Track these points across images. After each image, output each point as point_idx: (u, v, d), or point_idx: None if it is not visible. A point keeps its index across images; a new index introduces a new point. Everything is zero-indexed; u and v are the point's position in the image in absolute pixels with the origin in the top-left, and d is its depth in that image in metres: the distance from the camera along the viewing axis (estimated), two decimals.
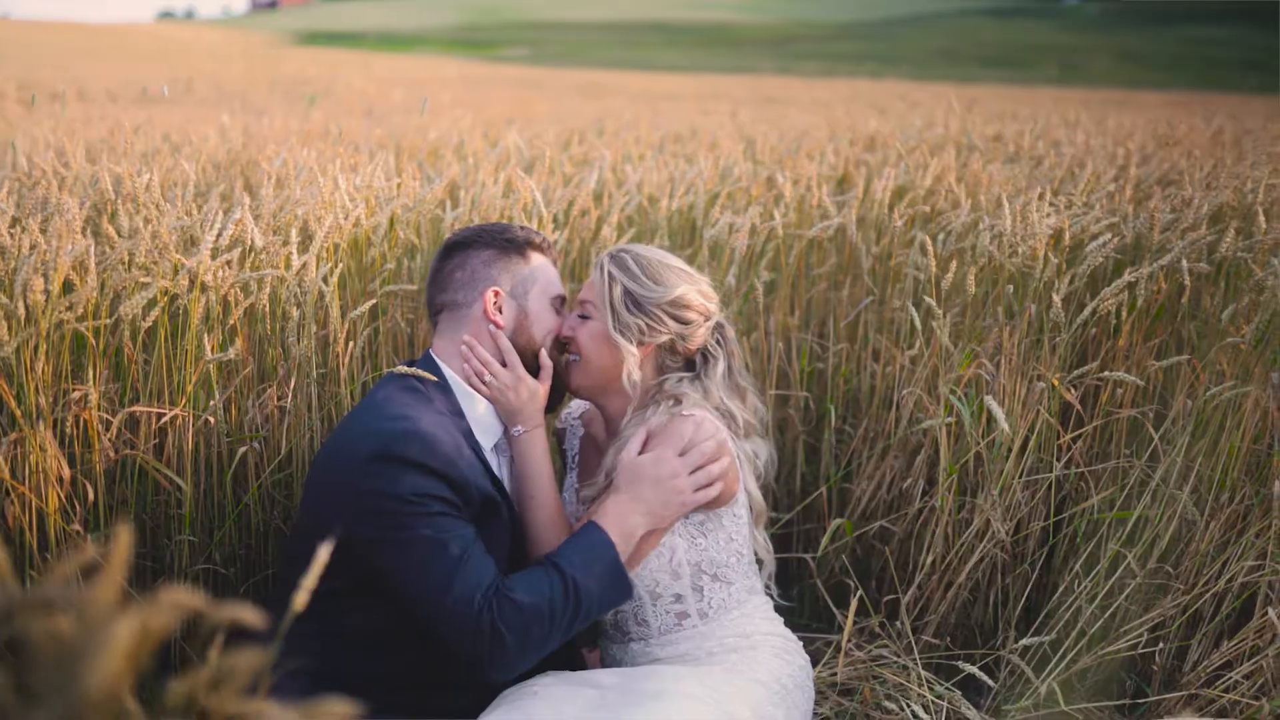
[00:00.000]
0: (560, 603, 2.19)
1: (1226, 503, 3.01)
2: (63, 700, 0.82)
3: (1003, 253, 3.23)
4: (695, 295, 2.57)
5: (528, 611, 2.14)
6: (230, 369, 2.85)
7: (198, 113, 9.86)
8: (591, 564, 2.27)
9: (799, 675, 2.56)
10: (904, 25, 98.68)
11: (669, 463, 2.39)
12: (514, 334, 2.51)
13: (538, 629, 2.16)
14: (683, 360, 2.62)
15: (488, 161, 4.45)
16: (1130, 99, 19.35)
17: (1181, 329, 3.53)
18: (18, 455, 2.36)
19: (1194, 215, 3.44)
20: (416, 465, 2.14)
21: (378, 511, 2.12)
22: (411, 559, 2.12)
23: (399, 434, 2.17)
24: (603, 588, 2.27)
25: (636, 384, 2.52)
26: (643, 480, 2.39)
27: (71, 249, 2.41)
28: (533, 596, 2.15)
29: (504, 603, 2.12)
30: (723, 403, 2.59)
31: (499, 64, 50.40)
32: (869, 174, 4.30)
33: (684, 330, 2.56)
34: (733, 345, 2.68)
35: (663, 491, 2.38)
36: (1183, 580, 3.03)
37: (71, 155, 3.93)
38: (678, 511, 2.41)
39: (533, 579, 2.20)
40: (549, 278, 2.60)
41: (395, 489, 2.12)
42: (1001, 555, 3.22)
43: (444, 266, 2.55)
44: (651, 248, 2.64)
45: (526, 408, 2.48)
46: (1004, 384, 3.17)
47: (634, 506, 2.37)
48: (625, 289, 2.52)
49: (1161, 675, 3.03)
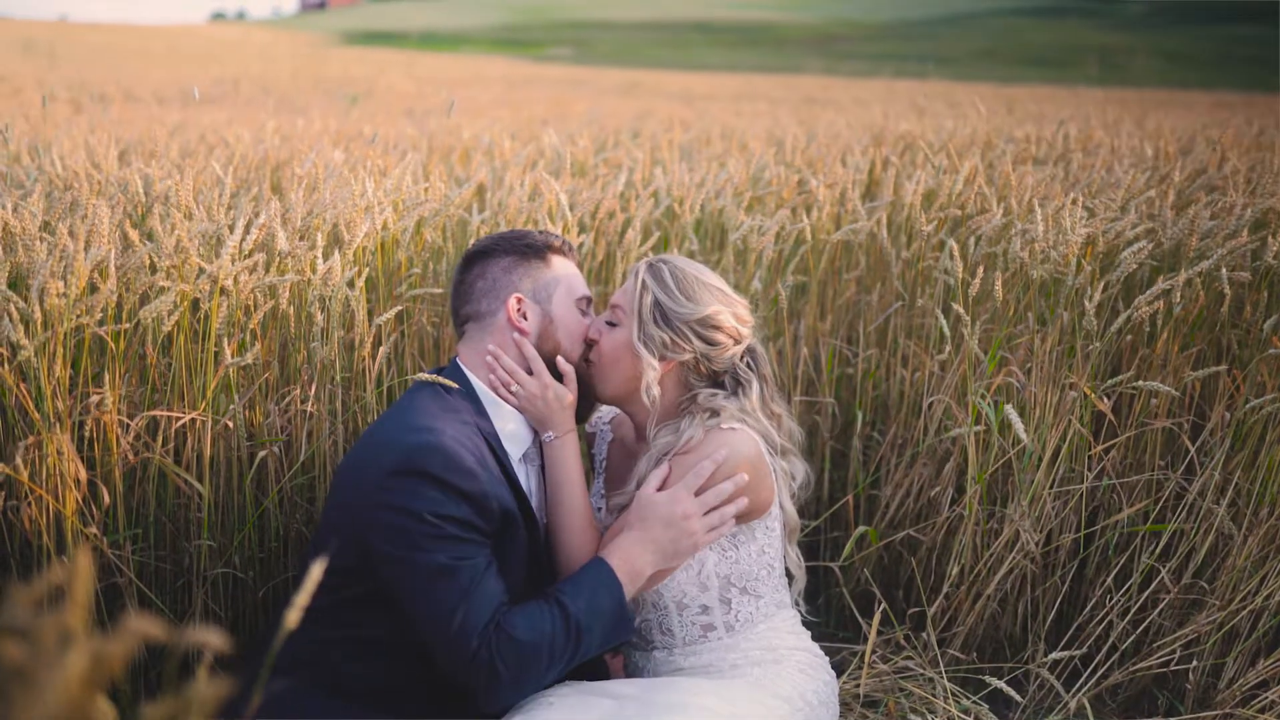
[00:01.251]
0: (561, 641, 2.17)
1: (1265, 517, 2.94)
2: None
3: (1034, 259, 3.17)
4: (728, 318, 2.51)
5: (526, 649, 2.12)
6: (251, 373, 2.85)
7: (240, 113, 9.96)
8: (596, 603, 2.24)
9: (824, 692, 2.51)
10: (947, 24, 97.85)
11: (683, 502, 2.34)
12: (539, 339, 2.48)
13: (535, 666, 2.15)
14: (708, 380, 2.56)
15: (516, 164, 4.44)
16: (1174, 99, 19.04)
17: (1221, 338, 3.44)
18: (36, 458, 2.37)
19: (1235, 221, 3.36)
20: (437, 480, 2.13)
21: (394, 527, 2.11)
22: (419, 581, 2.11)
23: (421, 447, 2.16)
24: (605, 628, 2.25)
25: (655, 399, 2.46)
26: (655, 519, 2.35)
27: (90, 253, 2.42)
28: (532, 634, 2.14)
29: (503, 639, 2.11)
30: (761, 423, 2.53)
31: (543, 64, 50.55)
32: (898, 176, 4.24)
33: (709, 351, 2.49)
34: (765, 369, 2.61)
35: (674, 532, 2.33)
36: (1218, 596, 2.96)
37: (103, 157, 3.96)
38: (689, 552, 2.37)
39: (535, 615, 2.18)
40: (572, 280, 2.57)
41: (413, 505, 2.11)
42: (1031, 567, 3.17)
43: (465, 277, 2.54)
44: (694, 262, 2.59)
45: (556, 415, 2.46)
46: (1035, 392, 3.11)
47: (644, 546, 2.34)
48: (656, 300, 2.47)
49: (1196, 693, 2.97)
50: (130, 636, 0.83)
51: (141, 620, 0.85)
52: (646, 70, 40.22)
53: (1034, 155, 5.64)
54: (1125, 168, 4.47)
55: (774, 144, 6.06)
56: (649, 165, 4.83)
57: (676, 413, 2.54)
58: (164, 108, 11.09)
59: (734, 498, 2.38)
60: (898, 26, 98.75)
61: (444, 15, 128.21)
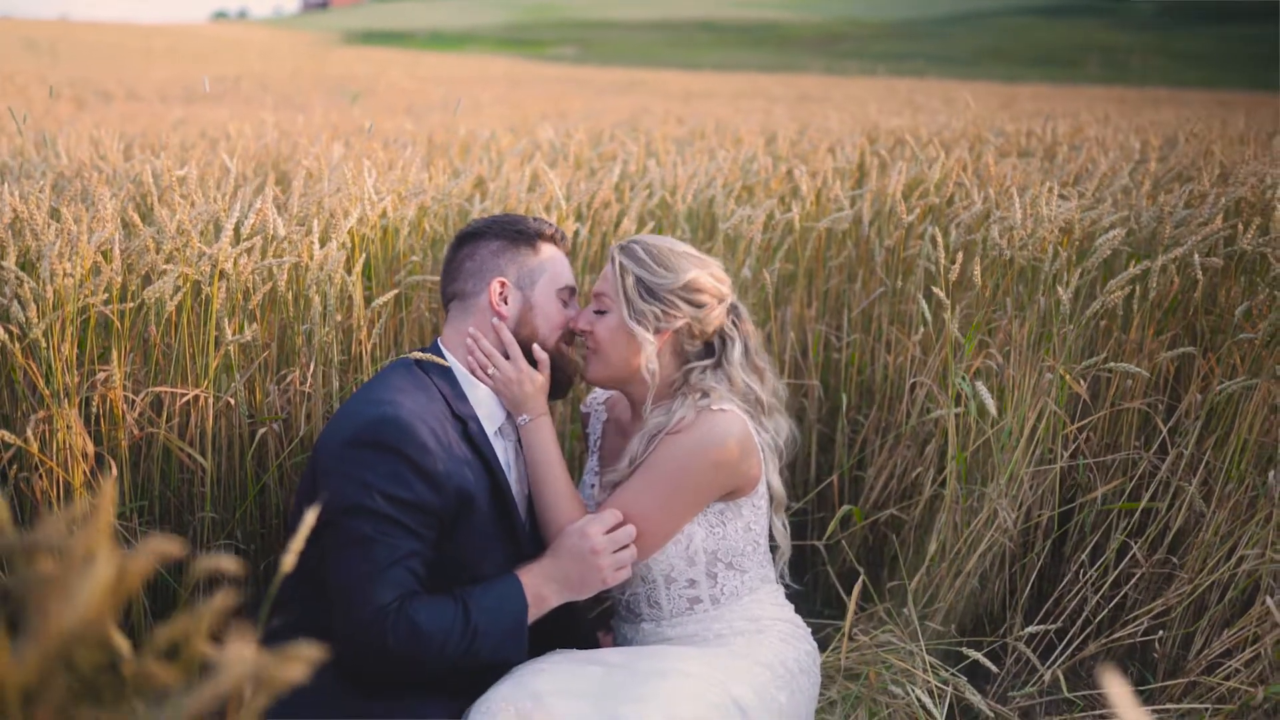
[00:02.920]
0: (456, 639, 2.22)
1: (1233, 493, 3.03)
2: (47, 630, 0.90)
3: (1012, 246, 3.26)
4: (707, 278, 2.59)
5: (423, 636, 2.18)
6: (250, 352, 2.95)
7: (241, 110, 10.05)
8: (498, 614, 2.30)
9: (805, 660, 2.60)
10: (955, 23, 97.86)
11: (592, 538, 2.40)
12: (518, 324, 2.55)
13: (424, 654, 2.19)
14: (701, 345, 2.64)
15: (513, 156, 4.54)
16: (1174, 97, 19.11)
17: (1195, 324, 3.54)
18: (46, 432, 2.48)
19: (1209, 210, 3.45)
20: (390, 450, 2.19)
21: (336, 491, 2.18)
22: (339, 543, 2.18)
23: (378, 418, 2.23)
24: (499, 639, 2.29)
25: (654, 373, 2.54)
26: (566, 552, 2.41)
27: (95, 235, 2.52)
28: (431, 624, 2.19)
29: (403, 619, 2.17)
30: (745, 385, 2.62)
31: (546, 63, 50.59)
32: (881, 166, 4.34)
33: (699, 314, 2.58)
34: (748, 325, 2.70)
35: (581, 566, 2.40)
36: (1188, 570, 3.05)
37: (109, 149, 4.06)
38: (596, 587, 2.42)
39: (440, 609, 2.23)
40: (558, 269, 2.62)
41: (361, 474, 2.18)
42: (1009, 544, 3.26)
43: (455, 255, 2.61)
44: (661, 236, 2.68)
45: (530, 399, 2.52)
46: (1013, 374, 3.20)
47: (551, 576, 2.40)
48: (638, 277, 2.55)
49: (1166, 664, 3.06)
50: (150, 553, 0.93)
51: (160, 540, 0.95)
52: (648, 70, 40.26)
53: (1020, 148, 5.74)
54: (1110, 160, 4.56)
55: (767, 137, 6.16)
56: (643, 157, 4.93)
57: (671, 392, 2.62)
58: (166, 105, 11.20)
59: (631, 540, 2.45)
60: (904, 25, 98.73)
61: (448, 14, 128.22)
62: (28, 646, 0.89)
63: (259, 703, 1.03)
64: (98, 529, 0.98)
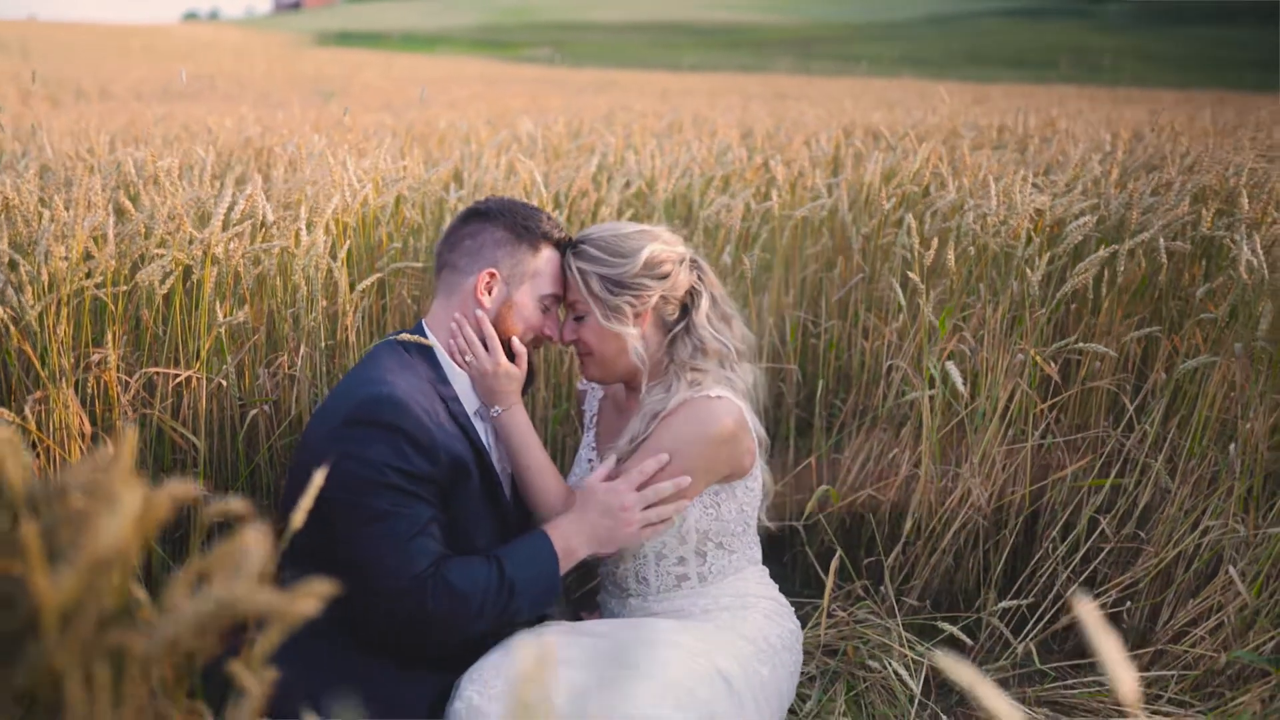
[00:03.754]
0: (493, 595, 2.28)
1: (1196, 468, 3.13)
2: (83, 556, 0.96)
3: (986, 232, 3.35)
4: (660, 248, 2.61)
5: (459, 596, 2.23)
6: (241, 335, 3.00)
7: (218, 107, 10.05)
8: (532, 570, 2.36)
9: (788, 638, 2.66)
10: (927, 25, 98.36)
11: (622, 495, 2.46)
12: (496, 318, 2.57)
13: (464, 612, 2.24)
14: (678, 308, 2.67)
15: (491, 147, 4.60)
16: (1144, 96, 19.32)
17: (1162, 307, 3.64)
18: (42, 412, 2.52)
19: (1175, 196, 3.55)
20: (388, 428, 2.23)
21: (342, 471, 2.19)
22: (359, 524, 2.21)
23: (374, 397, 2.27)
24: (535, 594, 2.35)
25: (644, 356, 2.60)
26: (595, 507, 2.48)
27: (90, 219, 2.57)
28: (466, 583, 2.24)
29: (439, 582, 2.22)
30: (716, 340, 2.65)
31: (521, 64, 50.55)
32: (858, 157, 4.43)
33: (667, 284, 2.61)
34: (710, 276, 2.72)
35: (611, 521, 2.46)
36: (1154, 544, 3.14)
37: (95, 141, 4.10)
38: (625, 542, 2.48)
39: (472, 567, 2.29)
40: (548, 276, 2.63)
41: (363, 452, 2.21)
42: (982, 522, 3.34)
43: (461, 228, 2.61)
44: (601, 224, 2.70)
45: (502, 391, 2.56)
46: (986, 357, 3.28)
47: (581, 530, 2.46)
48: (599, 275, 2.58)
49: (1134, 634, 3.15)
50: (171, 494, 1.00)
51: (180, 484, 1.01)
52: (623, 70, 40.30)
53: (993, 141, 5.84)
54: (1080, 152, 4.67)
55: (743, 131, 6.24)
56: (621, 148, 4.99)
57: (664, 370, 2.67)
58: (142, 103, 11.17)
59: (674, 499, 2.51)
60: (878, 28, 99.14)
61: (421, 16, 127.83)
62: (65, 571, 0.96)
63: (272, 638, 1.10)
64: (122, 468, 1.04)
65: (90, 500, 1.02)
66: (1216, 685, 2.81)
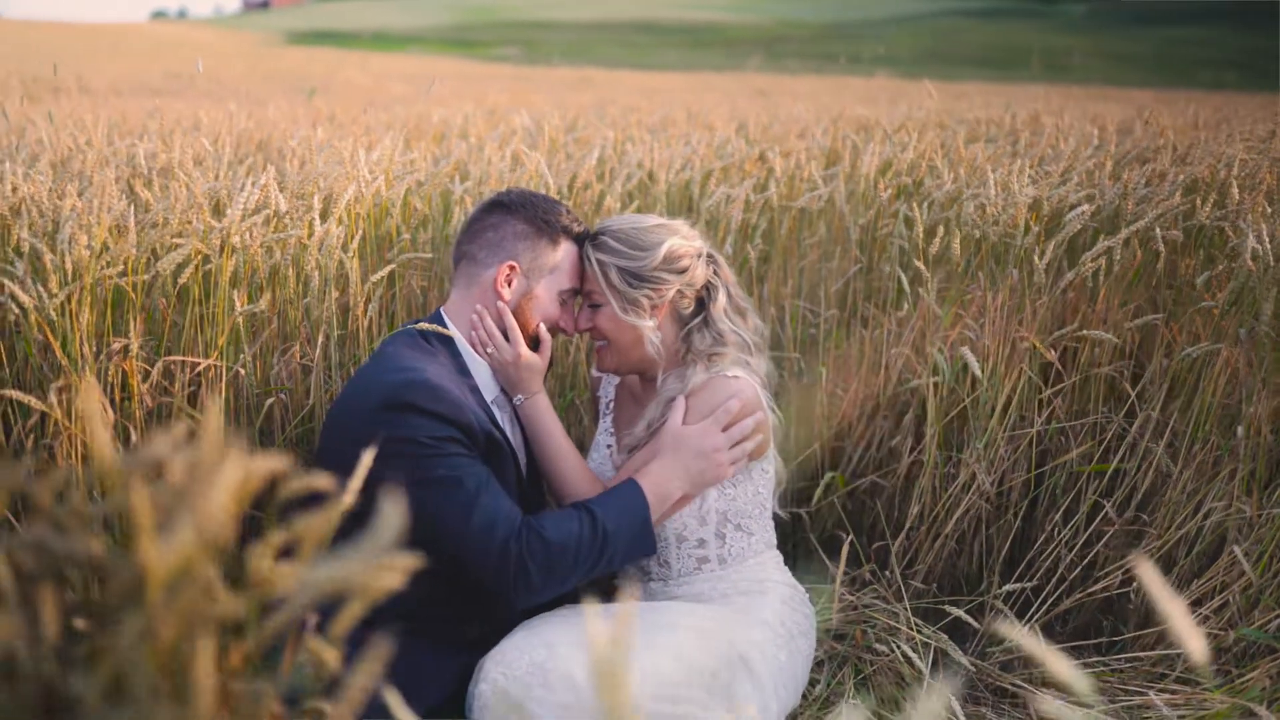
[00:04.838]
0: (588, 544, 2.31)
1: (1197, 453, 3.19)
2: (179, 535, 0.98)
3: (985, 221, 3.40)
4: (679, 242, 2.64)
5: (554, 547, 2.26)
6: (257, 325, 3.01)
7: (203, 104, 10.00)
8: (624, 516, 2.40)
9: (804, 624, 2.71)
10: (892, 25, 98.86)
11: (713, 436, 2.52)
12: (514, 310, 2.59)
13: (562, 564, 2.27)
14: (694, 302, 2.70)
15: (491, 141, 4.62)
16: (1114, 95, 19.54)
17: (1157, 296, 3.70)
18: (66, 399, 2.53)
19: (1168, 187, 3.62)
20: (424, 411, 2.25)
21: (391, 456, 2.17)
22: (429, 498, 2.21)
23: (406, 383, 2.28)
24: (629, 541, 2.40)
25: (659, 347, 2.64)
26: (688, 450, 2.52)
27: (111, 209, 2.58)
28: (560, 535, 2.28)
29: (532, 536, 2.25)
30: (733, 333, 2.69)
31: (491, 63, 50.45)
32: (855, 150, 4.48)
33: (685, 278, 2.64)
34: (725, 270, 2.77)
35: (704, 463, 2.52)
36: (1156, 527, 3.20)
37: (93, 133, 4.09)
38: (713, 481, 2.55)
39: (563, 518, 2.33)
40: (567, 270, 2.65)
41: (404, 432, 2.22)
42: (986, 507, 3.39)
43: (483, 219, 2.62)
44: (621, 216, 2.74)
45: (525, 381, 2.59)
46: (988, 345, 3.33)
47: (675, 472, 2.51)
48: (618, 268, 2.60)
49: (1138, 616, 3.21)
50: (264, 465, 1.03)
51: (270, 458, 1.04)
52: (595, 69, 40.31)
53: (984, 134, 5.91)
54: (1071, 144, 4.74)
55: (738, 124, 6.28)
56: (620, 141, 5.02)
57: (680, 358, 2.71)
58: (122, 99, 11.09)
59: (752, 435, 2.58)
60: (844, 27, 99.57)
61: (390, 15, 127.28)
62: (171, 541, 0.98)
63: (355, 610, 1.13)
64: (217, 440, 1.07)
65: (191, 472, 1.04)
66: (1223, 663, 2.87)
